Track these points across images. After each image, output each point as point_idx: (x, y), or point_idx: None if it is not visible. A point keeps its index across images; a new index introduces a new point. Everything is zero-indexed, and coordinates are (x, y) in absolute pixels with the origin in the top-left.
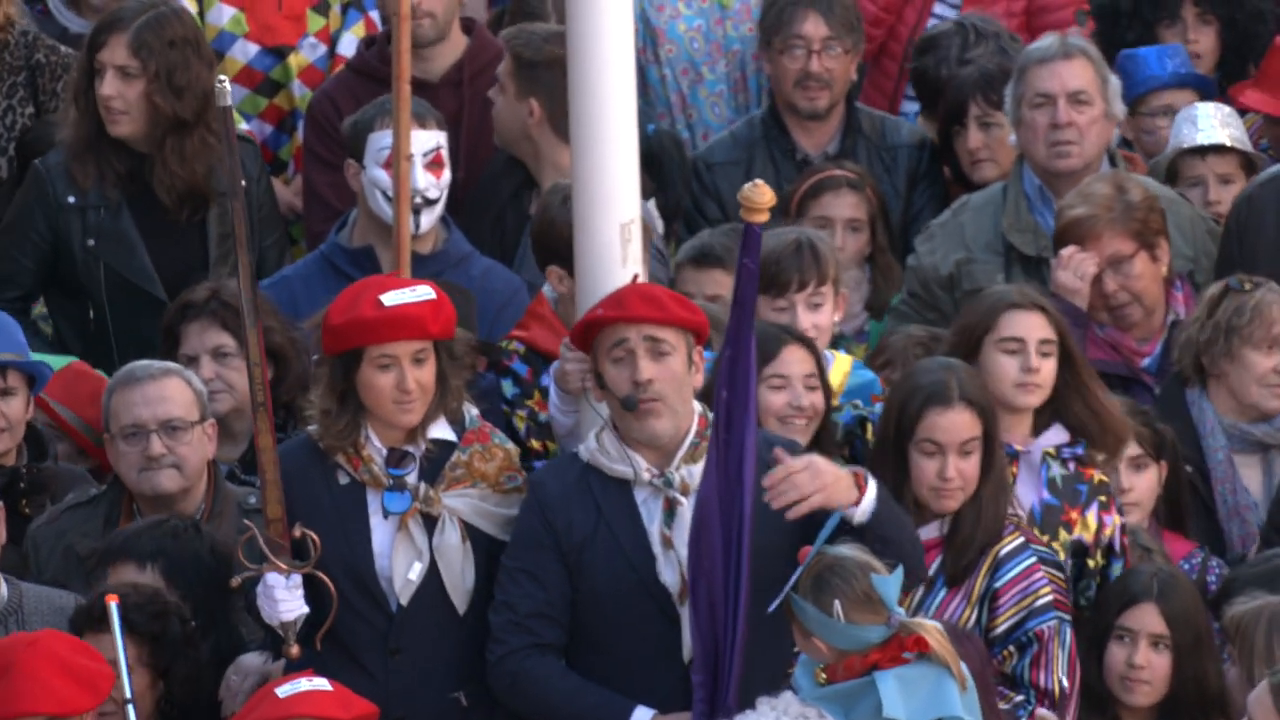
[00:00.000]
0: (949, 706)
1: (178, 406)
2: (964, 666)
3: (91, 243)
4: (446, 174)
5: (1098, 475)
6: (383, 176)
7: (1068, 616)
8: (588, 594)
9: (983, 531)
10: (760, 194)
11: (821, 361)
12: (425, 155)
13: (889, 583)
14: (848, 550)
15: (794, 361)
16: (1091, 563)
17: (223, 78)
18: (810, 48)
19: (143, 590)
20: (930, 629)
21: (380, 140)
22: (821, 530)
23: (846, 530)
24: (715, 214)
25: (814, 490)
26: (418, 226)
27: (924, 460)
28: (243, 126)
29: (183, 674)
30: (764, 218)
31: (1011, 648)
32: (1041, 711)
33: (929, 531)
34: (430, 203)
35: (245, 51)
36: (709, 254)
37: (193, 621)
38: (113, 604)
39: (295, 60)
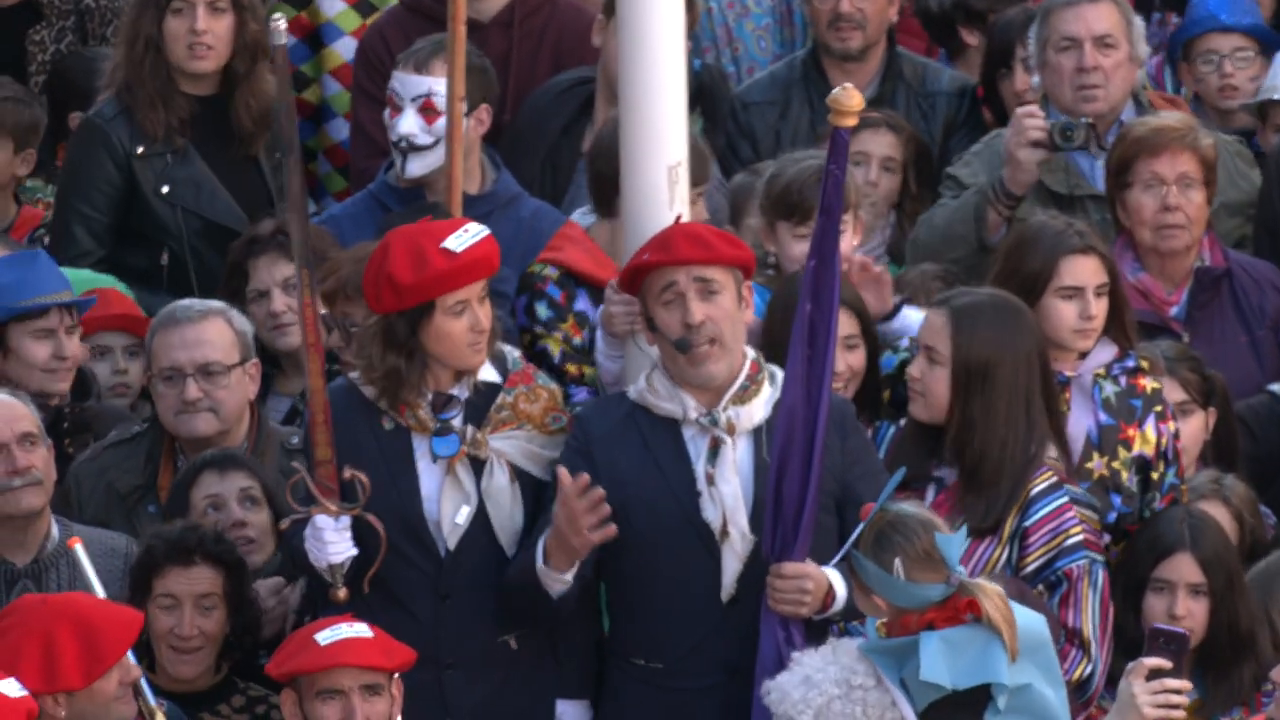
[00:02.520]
0: (994, 672)
1: (216, 350)
2: (1034, 630)
3: (166, 189)
4: (442, 122)
5: (1150, 384)
6: (386, 117)
7: (1099, 557)
8: (632, 529)
9: (1006, 483)
10: (849, 97)
11: (865, 317)
12: (415, 100)
13: (951, 541)
14: (910, 508)
15: None
16: (1155, 475)
17: (278, 15)
18: None
19: (208, 525)
20: (990, 592)
21: (390, 82)
22: (885, 488)
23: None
24: (748, 154)
25: (810, 607)
26: (404, 170)
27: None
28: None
29: (246, 607)
30: (853, 121)
31: (1041, 586)
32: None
33: (951, 476)
34: (417, 149)
35: None
36: None
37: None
38: (77, 546)
39: None
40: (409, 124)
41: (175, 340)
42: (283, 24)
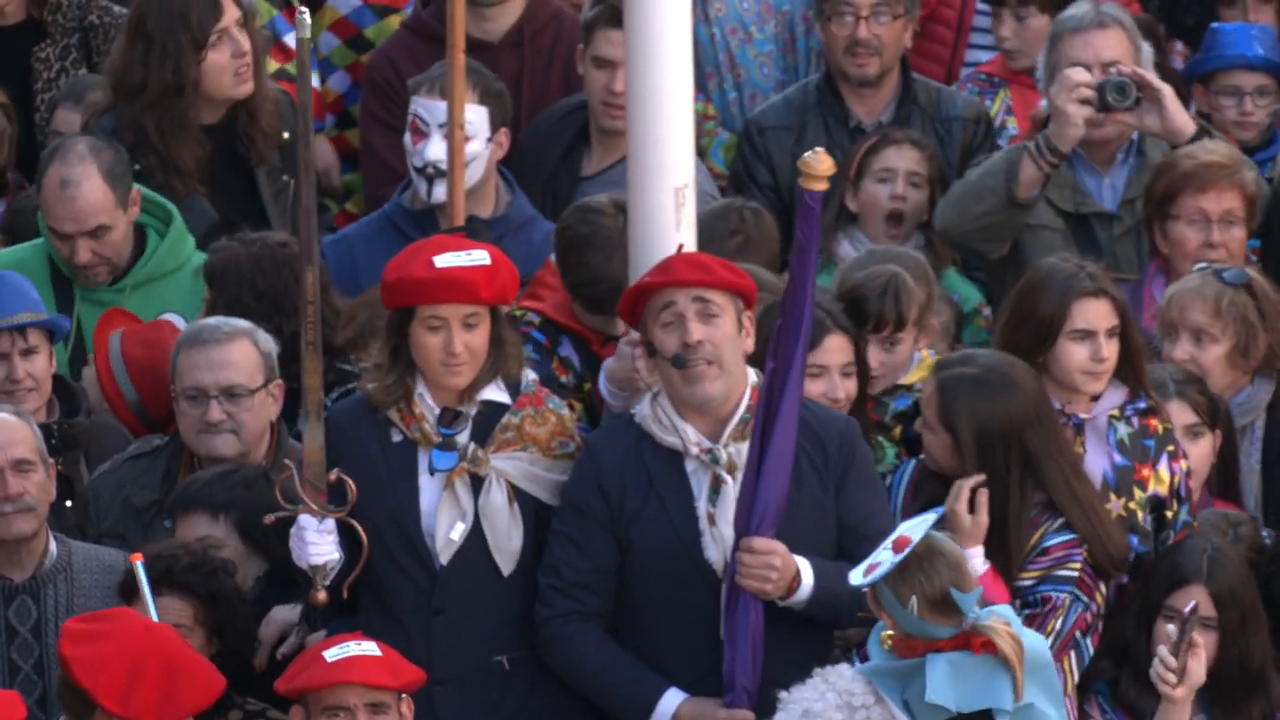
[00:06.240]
0: (998, 699)
1: (240, 373)
2: (1037, 650)
3: None
4: (473, 145)
5: (1161, 425)
6: (408, 142)
7: (1085, 599)
8: (636, 566)
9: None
10: (819, 162)
11: (860, 346)
12: (443, 126)
13: (968, 600)
14: (947, 544)
15: (834, 350)
16: (1169, 513)
17: (304, 10)
18: (858, 14)
19: (192, 550)
20: (1002, 632)
21: (411, 106)
22: (922, 514)
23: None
24: (765, 178)
25: (776, 585)
26: (430, 195)
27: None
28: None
29: (235, 631)
30: (823, 186)
31: (1018, 602)
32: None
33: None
34: (445, 174)
35: (349, 3)
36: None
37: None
38: (138, 563)
39: (395, 22)
40: (438, 149)
41: (200, 361)
42: (307, 16)
